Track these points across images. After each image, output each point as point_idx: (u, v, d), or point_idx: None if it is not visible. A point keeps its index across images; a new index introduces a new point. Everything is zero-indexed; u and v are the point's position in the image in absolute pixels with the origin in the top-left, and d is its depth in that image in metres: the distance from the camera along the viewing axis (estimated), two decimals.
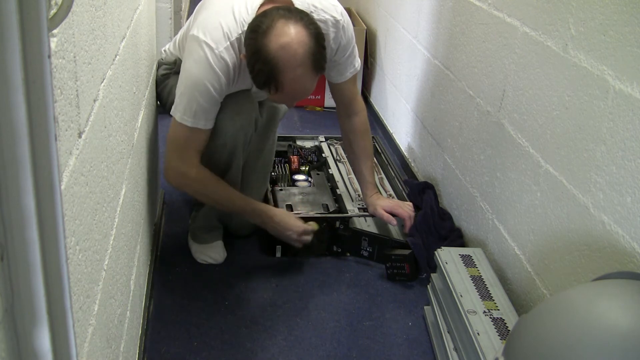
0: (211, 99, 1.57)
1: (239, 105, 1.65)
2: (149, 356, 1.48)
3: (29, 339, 0.53)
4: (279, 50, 1.42)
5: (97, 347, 0.89)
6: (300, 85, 1.49)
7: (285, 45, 1.42)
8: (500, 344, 1.25)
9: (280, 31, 1.43)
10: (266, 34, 1.44)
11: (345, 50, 1.75)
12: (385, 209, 1.89)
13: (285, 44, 1.42)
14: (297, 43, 1.43)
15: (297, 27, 1.44)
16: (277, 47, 1.42)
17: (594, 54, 1.23)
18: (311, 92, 1.60)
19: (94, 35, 0.88)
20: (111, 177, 1.04)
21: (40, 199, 0.51)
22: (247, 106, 1.69)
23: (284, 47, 1.42)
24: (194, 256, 1.87)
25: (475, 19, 1.82)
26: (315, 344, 1.56)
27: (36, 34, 0.47)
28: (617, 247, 1.13)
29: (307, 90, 1.54)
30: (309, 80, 1.50)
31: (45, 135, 0.50)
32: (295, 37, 1.43)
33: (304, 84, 1.50)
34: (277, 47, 1.42)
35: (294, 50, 1.43)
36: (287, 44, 1.43)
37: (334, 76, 1.82)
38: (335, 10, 1.68)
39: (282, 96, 1.52)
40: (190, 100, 1.57)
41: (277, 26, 1.43)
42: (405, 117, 2.56)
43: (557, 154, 1.36)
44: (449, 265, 1.54)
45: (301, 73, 1.46)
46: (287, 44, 1.43)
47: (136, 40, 1.41)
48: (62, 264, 0.54)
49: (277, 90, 1.49)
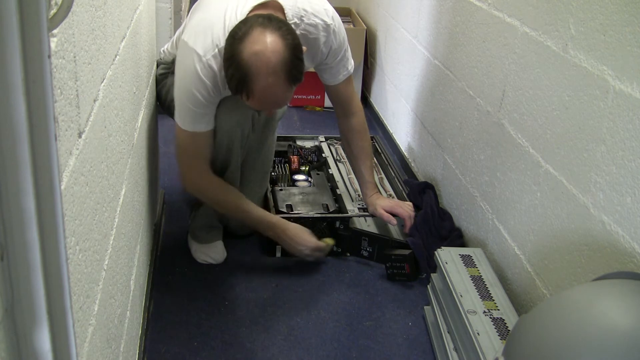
0: (202, 105, 1.58)
1: (235, 101, 1.66)
2: (149, 356, 1.48)
3: (29, 339, 0.53)
4: (251, 57, 1.42)
5: (97, 347, 0.89)
6: (271, 94, 1.48)
7: (259, 53, 1.42)
8: (500, 344, 1.25)
9: (256, 39, 1.43)
10: (242, 40, 1.43)
11: (336, 54, 1.75)
12: (385, 208, 1.89)
13: (258, 52, 1.42)
14: (271, 52, 1.43)
15: (273, 36, 1.44)
16: (250, 54, 1.42)
17: (594, 54, 1.22)
18: (287, 103, 1.61)
19: (94, 35, 0.88)
20: (111, 177, 1.04)
21: (40, 199, 0.51)
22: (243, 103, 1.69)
23: (257, 54, 1.42)
24: (194, 256, 1.87)
25: (475, 19, 1.82)
26: (315, 344, 1.56)
27: (36, 34, 0.47)
28: (617, 247, 1.13)
29: (278, 100, 1.53)
30: (281, 90, 1.49)
31: (45, 135, 0.50)
32: (270, 45, 1.43)
33: (275, 93, 1.49)
34: (250, 54, 1.42)
35: (266, 59, 1.42)
36: (260, 51, 1.42)
37: (327, 79, 1.83)
38: (326, 14, 1.68)
39: (254, 103, 1.51)
40: (184, 108, 1.60)
41: (254, 34, 1.43)
42: (405, 117, 2.56)
43: (557, 154, 1.36)
44: (449, 265, 1.54)
45: (272, 82, 1.45)
46: (260, 52, 1.42)
47: (136, 40, 1.41)
48: (62, 264, 0.54)
49: (248, 98, 1.48)
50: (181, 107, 1.60)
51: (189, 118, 1.60)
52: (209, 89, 1.56)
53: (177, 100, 1.61)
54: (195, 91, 1.55)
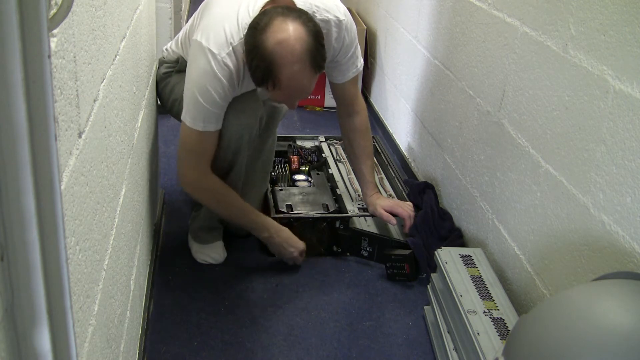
0: (216, 104, 1.58)
1: (244, 104, 1.65)
2: (149, 356, 1.48)
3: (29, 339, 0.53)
4: (276, 46, 1.42)
5: (97, 347, 0.89)
6: (298, 82, 1.48)
7: (283, 41, 1.42)
8: (500, 344, 1.25)
9: (278, 28, 1.43)
10: (264, 31, 1.44)
11: (347, 50, 1.75)
12: (386, 208, 1.89)
13: (282, 40, 1.42)
14: (295, 39, 1.43)
15: (295, 24, 1.44)
16: (275, 43, 1.42)
17: (594, 54, 1.23)
18: (310, 92, 1.59)
19: (94, 35, 0.88)
20: (111, 177, 1.04)
21: (40, 199, 0.51)
22: (252, 105, 1.69)
23: (281, 43, 1.42)
24: (194, 256, 1.87)
25: (475, 19, 1.82)
26: (315, 344, 1.56)
27: (36, 34, 0.47)
28: (617, 247, 1.13)
29: (305, 88, 1.53)
30: (307, 78, 1.49)
31: (45, 135, 0.50)
32: (293, 33, 1.43)
33: (302, 81, 1.49)
34: (274, 43, 1.42)
35: (291, 47, 1.43)
36: (284, 39, 1.42)
37: (336, 76, 1.82)
38: (338, 10, 1.67)
39: (280, 94, 1.51)
40: (197, 106, 1.58)
41: (275, 23, 1.44)
42: (405, 117, 2.56)
43: (557, 154, 1.36)
44: (449, 265, 1.54)
45: (299, 69, 1.45)
46: (284, 40, 1.42)
47: (136, 40, 1.41)
48: (62, 264, 0.54)
49: (274, 87, 1.48)
50: (194, 106, 1.58)
51: (201, 117, 1.59)
52: (225, 87, 1.55)
53: (190, 99, 1.58)
54: (212, 89, 1.54)
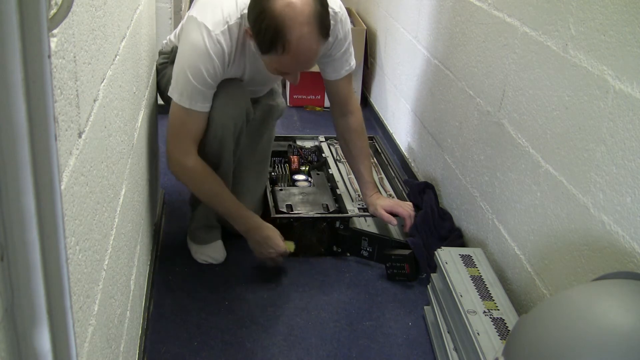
0: (205, 83, 1.57)
1: (229, 95, 1.64)
2: (149, 356, 1.48)
3: (29, 339, 0.53)
4: (285, 7, 1.43)
5: (97, 347, 0.89)
6: (307, 45, 1.47)
7: (290, 4, 1.43)
8: (500, 344, 1.25)
9: None
10: None
11: (341, 44, 1.75)
12: (386, 208, 1.88)
13: (290, 3, 1.43)
14: (302, 3, 1.44)
15: None
16: (283, 6, 1.43)
17: (594, 54, 1.22)
18: (315, 61, 1.58)
19: (94, 35, 0.88)
20: (111, 177, 1.04)
21: (40, 199, 0.51)
22: (238, 96, 1.68)
23: (290, 5, 1.43)
24: (194, 257, 1.87)
25: (475, 19, 1.82)
26: (315, 344, 1.56)
27: (36, 34, 0.47)
28: (617, 247, 1.13)
29: (313, 52, 1.50)
30: (315, 42, 1.48)
31: (45, 135, 0.50)
32: None
33: (310, 45, 1.48)
34: (282, 6, 1.43)
35: (300, 9, 1.43)
36: (292, 2, 1.43)
37: (329, 73, 1.82)
38: (334, 2, 1.67)
39: (288, 59, 1.49)
40: (186, 82, 1.56)
41: None
42: (405, 117, 2.56)
43: (557, 154, 1.36)
44: (449, 265, 1.54)
45: (308, 31, 1.45)
46: (292, 3, 1.43)
47: (136, 40, 1.41)
48: (62, 264, 0.54)
49: (283, 51, 1.46)
50: (183, 82, 1.57)
51: (188, 93, 1.57)
52: (216, 66, 1.55)
53: (179, 74, 1.57)
54: (202, 66, 1.53)
